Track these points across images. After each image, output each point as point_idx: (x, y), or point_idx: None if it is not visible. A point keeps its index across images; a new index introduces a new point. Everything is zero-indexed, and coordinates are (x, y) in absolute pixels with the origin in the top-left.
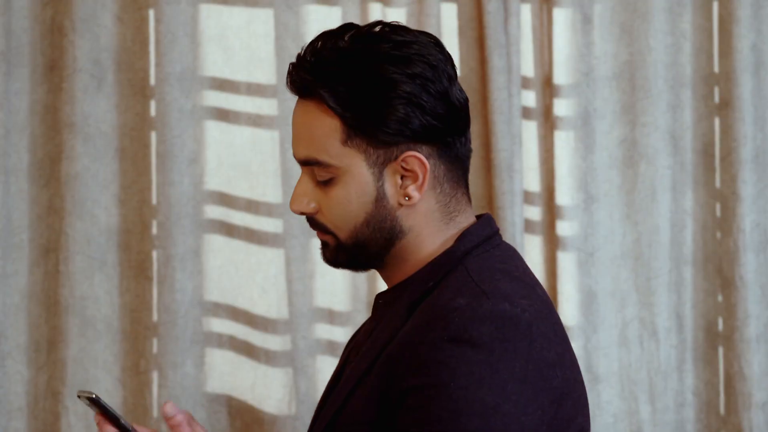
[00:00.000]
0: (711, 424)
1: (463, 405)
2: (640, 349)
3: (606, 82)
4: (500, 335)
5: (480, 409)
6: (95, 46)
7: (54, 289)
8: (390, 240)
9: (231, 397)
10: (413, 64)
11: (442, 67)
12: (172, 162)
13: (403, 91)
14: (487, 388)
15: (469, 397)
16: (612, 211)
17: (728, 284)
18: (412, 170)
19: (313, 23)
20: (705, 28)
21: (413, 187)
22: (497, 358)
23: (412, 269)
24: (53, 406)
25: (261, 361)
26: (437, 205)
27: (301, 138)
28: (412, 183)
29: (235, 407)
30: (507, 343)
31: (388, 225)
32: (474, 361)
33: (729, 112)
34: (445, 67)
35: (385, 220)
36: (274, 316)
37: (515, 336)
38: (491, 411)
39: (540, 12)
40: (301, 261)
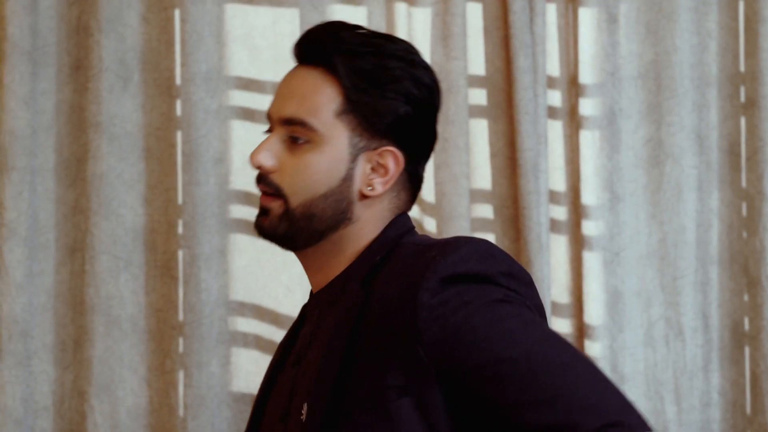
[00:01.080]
0: (737, 424)
1: (522, 341)
2: (666, 349)
3: (632, 82)
4: (489, 265)
5: (537, 333)
6: (121, 46)
7: (80, 288)
8: (337, 222)
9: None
10: (422, 74)
11: (437, 94)
12: (198, 162)
13: (410, 94)
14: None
15: (518, 332)
16: (638, 211)
17: (754, 284)
18: (384, 165)
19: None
20: (731, 27)
21: (380, 181)
22: (504, 287)
23: (346, 261)
24: (79, 405)
25: None
26: (388, 206)
27: (292, 97)
28: (379, 177)
29: None
30: (499, 271)
31: (343, 206)
32: (487, 293)
33: (755, 112)
34: (438, 96)
35: (342, 201)
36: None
37: (500, 263)
38: (539, 327)
39: (566, 11)
40: None
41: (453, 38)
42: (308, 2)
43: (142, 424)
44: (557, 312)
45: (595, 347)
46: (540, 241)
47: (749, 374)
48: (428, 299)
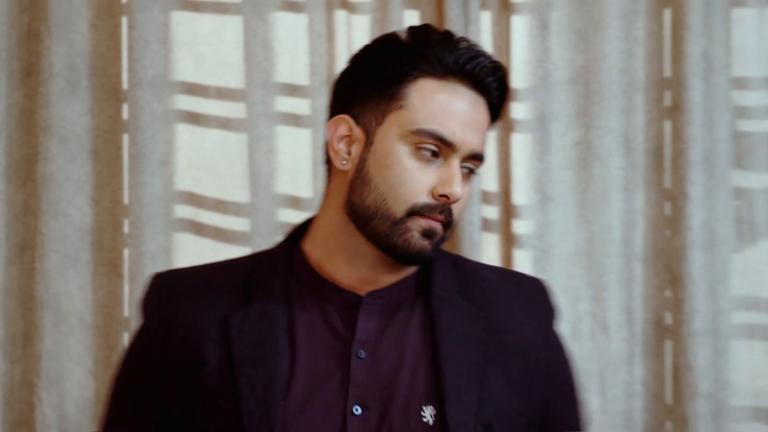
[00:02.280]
0: (658, 413)
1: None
2: (592, 343)
3: (562, 87)
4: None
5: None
6: (70, 52)
7: (29, 285)
8: None
9: None
10: None
11: None
12: (144, 163)
13: None
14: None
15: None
16: (566, 211)
17: (676, 280)
18: None
19: (280, 30)
20: (657, 34)
21: None
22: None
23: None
24: (28, 397)
25: None
26: None
27: (481, 132)
28: None
29: None
30: None
31: None
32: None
33: (679, 116)
34: None
35: None
36: None
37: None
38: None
39: (499, 19)
40: None
41: None
42: (251, 10)
43: (88, 416)
44: None
45: None
46: (472, 240)
47: (670, 366)
48: (557, 340)
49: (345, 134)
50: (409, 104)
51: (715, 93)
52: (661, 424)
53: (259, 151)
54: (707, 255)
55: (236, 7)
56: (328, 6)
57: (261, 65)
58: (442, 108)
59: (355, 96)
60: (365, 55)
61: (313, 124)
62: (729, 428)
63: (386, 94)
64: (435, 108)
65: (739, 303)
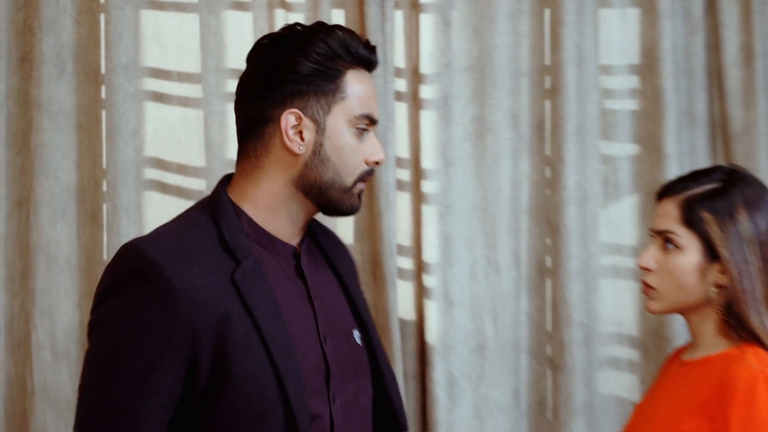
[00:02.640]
0: (540, 339)
1: None
2: (486, 281)
3: (461, 72)
4: None
5: None
6: (58, 43)
7: (25, 234)
8: None
9: None
10: None
11: None
12: (118, 134)
13: None
14: None
15: None
16: (465, 174)
17: (555, 231)
18: None
19: (229, 25)
20: (539, 29)
21: None
22: None
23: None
24: (25, 325)
25: None
26: None
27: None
28: None
29: None
30: None
31: None
32: None
33: (557, 96)
34: None
35: None
36: None
37: None
38: None
39: (410, 17)
40: None
41: None
42: (206, 8)
43: (74, 341)
44: (401, 252)
45: (431, 280)
46: (388, 198)
47: (550, 301)
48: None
49: (294, 124)
50: (348, 95)
51: (586, 78)
52: (543, 347)
53: (213, 125)
54: (580, 210)
55: (193, 6)
56: (269, 5)
57: (214, 54)
58: (366, 93)
59: (297, 92)
60: (291, 55)
61: None
62: (597, 350)
63: (328, 90)
64: (362, 94)
65: (605, 249)
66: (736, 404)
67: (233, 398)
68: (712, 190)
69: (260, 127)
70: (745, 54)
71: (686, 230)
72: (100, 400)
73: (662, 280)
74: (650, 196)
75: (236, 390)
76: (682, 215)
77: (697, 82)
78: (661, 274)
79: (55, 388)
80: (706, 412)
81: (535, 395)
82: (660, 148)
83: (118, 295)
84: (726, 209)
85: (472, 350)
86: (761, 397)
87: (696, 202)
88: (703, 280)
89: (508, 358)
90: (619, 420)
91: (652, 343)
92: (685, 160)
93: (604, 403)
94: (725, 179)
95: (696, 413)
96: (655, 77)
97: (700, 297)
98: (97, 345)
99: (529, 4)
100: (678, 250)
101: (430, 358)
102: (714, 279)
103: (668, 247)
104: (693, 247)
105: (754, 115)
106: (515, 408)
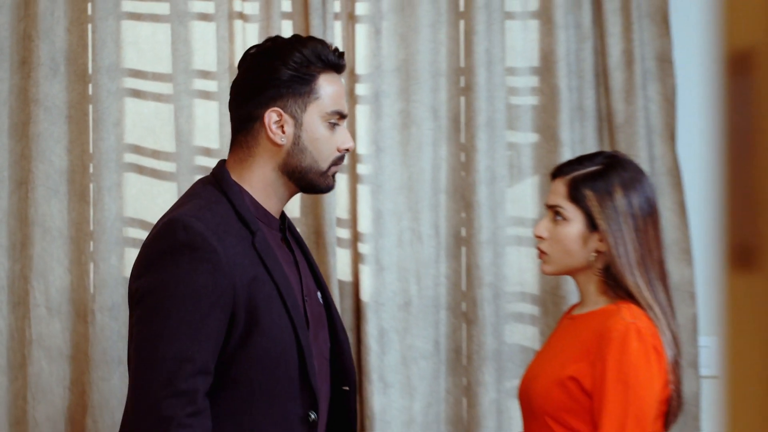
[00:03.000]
0: (456, 297)
1: None
2: (411, 249)
3: (390, 73)
4: None
5: None
6: (52, 48)
7: (24, 209)
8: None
9: None
10: None
11: None
12: (103, 124)
13: None
14: None
15: None
16: (393, 158)
17: (468, 206)
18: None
19: (196, 33)
20: (455, 37)
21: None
22: None
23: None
24: (24, 285)
25: None
26: None
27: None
28: None
29: None
30: None
31: None
32: None
33: (470, 94)
34: None
35: None
36: None
37: None
38: None
39: (347, 26)
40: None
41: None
42: (176, 19)
43: (66, 299)
44: (340, 224)
45: (365, 247)
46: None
47: (465, 265)
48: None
49: (276, 120)
50: (321, 96)
51: (494, 78)
52: (458, 304)
53: (181, 117)
54: (489, 189)
55: (166, 17)
56: (230, 17)
57: (183, 57)
58: (336, 93)
59: (277, 95)
60: (272, 64)
61: (219, 98)
62: (504, 307)
63: (304, 92)
64: (333, 94)
65: (511, 221)
66: (611, 351)
67: (263, 343)
68: (593, 172)
69: (249, 124)
70: (627, 58)
71: (571, 205)
72: (165, 346)
73: (552, 246)
74: (548, 177)
75: (265, 337)
76: (568, 192)
77: (587, 81)
78: (552, 242)
79: (49, 338)
80: (588, 358)
81: (452, 345)
82: (556, 137)
83: (172, 260)
84: (604, 188)
85: (399, 307)
86: (632, 345)
87: (580, 181)
88: (585, 247)
89: (430, 314)
90: (522, 365)
91: (550, 300)
92: (576, 148)
93: (510, 351)
94: (606, 162)
95: (580, 359)
96: (551, 77)
97: (583, 261)
98: (156, 304)
99: (446, 15)
100: (565, 222)
101: (364, 313)
102: (594, 246)
103: (557, 219)
104: (577, 219)
105: (633, 110)
106: (436, 356)
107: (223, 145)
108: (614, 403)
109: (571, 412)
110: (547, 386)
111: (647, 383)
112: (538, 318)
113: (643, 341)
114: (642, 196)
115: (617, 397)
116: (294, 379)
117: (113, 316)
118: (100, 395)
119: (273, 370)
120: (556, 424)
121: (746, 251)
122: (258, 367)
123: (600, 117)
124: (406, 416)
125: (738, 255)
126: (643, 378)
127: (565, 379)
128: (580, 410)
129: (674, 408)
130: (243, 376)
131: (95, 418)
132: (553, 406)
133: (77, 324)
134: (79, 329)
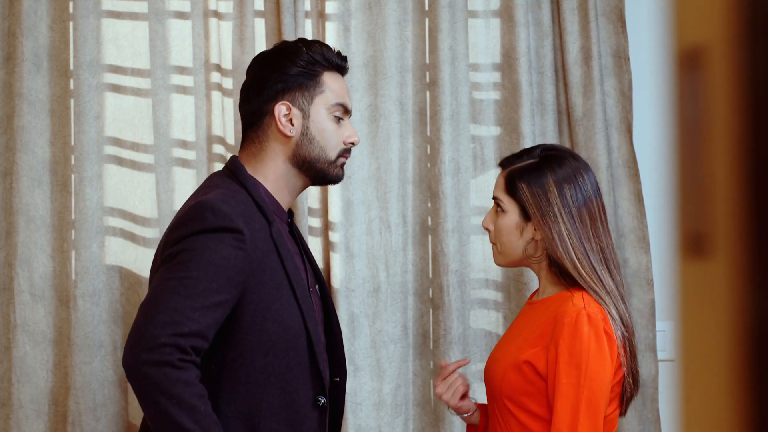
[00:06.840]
0: (423, 283)
1: None
2: (380, 237)
3: (359, 69)
4: None
5: None
6: (36, 45)
7: (9, 199)
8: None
9: (122, 265)
10: None
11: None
12: (84, 118)
13: None
14: None
15: None
16: (363, 150)
17: (435, 196)
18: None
19: (173, 30)
20: (420, 35)
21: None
22: None
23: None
24: (9, 272)
25: (139, 244)
26: None
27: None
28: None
29: (125, 274)
30: None
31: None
32: None
33: (435, 89)
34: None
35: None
36: (148, 216)
37: None
38: None
39: (317, 24)
40: (165, 182)
41: (246, 41)
42: (154, 17)
43: (49, 285)
44: (312, 214)
45: (336, 236)
46: None
47: (431, 253)
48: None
49: (285, 113)
50: (325, 89)
51: (458, 74)
52: (426, 290)
53: (159, 110)
54: (454, 179)
55: (144, 15)
56: (205, 15)
57: (160, 54)
58: (339, 88)
59: (286, 89)
60: (280, 62)
61: (195, 92)
62: (469, 293)
63: (310, 85)
64: (337, 89)
65: (475, 211)
66: (564, 336)
67: (274, 329)
68: (528, 165)
69: (260, 118)
70: (584, 55)
71: (507, 197)
72: (176, 299)
73: (497, 238)
74: None
75: (275, 323)
76: (505, 185)
77: (547, 77)
78: (496, 233)
79: (33, 323)
80: (542, 342)
81: (420, 329)
82: (518, 130)
83: (202, 235)
84: (537, 180)
85: (369, 292)
86: (583, 330)
87: (516, 174)
88: (522, 237)
89: (398, 299)
90: (487, 349)
91: (513, 287)
92: (537, 140)
93: (474, 335)
94: (542, 156)
95: (535, 344)
96: (513, 73)
97: (522, 251)
98: (181, 263)
99: (412, 14)
100: (504, 213)
101: (335, 299)
102: (530, 235)
103: (498, 210)
104: (512, 211)
105: (591, 104)
106: (404, 340)
107: (199, 138)
108: (567, 386)
109: (527, 394)
110: (505, 369)
111: (599, 367)
112: (501, 304)
113: (594, 326)
114: (575, 188)
115: (570, 380)
116: (304, 364)
117: (94, 301)
118: (82, 378)
119: (284, 355)
120: (514, 406)
121: (699, 239)
122: (270, 352)
123: (559, 111)
124: (376, 398)
125: (691, 243)
126: (595, 362)
127: (521, 363)
128: (536, 393)
129: (629, 390)
130: (257, 361)
131: (77, 400)
132: (510, 388)
133: (60, 309)
134: (62, 314)
